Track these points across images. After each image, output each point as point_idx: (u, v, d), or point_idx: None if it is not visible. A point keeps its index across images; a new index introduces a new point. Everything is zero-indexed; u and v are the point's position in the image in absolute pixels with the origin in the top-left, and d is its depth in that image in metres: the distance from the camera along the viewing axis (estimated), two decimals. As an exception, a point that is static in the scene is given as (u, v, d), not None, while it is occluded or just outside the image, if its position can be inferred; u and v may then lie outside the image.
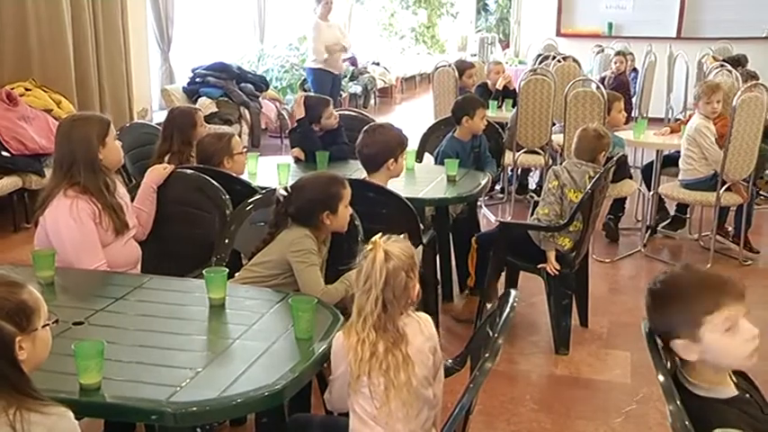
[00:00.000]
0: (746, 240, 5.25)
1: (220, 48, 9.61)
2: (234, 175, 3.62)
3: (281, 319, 2.30)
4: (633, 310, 4.26)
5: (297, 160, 4.52)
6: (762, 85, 5.24)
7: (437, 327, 3.73)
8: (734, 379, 1.80)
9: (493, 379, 3.47)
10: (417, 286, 2.10)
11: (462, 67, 6.90)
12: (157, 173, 3.36)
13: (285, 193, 2.83)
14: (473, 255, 4.06)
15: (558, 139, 5.89)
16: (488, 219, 6.00)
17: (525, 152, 6.06)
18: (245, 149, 3.96)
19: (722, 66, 6.52)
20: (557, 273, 3.74)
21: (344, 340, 2.05)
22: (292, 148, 4.64)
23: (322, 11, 8.27)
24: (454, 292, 4.40)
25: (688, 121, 5.54)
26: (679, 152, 5.27)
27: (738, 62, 7.29)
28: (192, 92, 8.28)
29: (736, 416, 1.69)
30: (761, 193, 6.58)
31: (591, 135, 3.94)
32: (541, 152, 6.05)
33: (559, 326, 3.80)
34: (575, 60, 7.84)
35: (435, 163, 4.58)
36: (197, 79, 8.40)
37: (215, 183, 3.29)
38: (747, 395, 1.80)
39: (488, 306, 3.18)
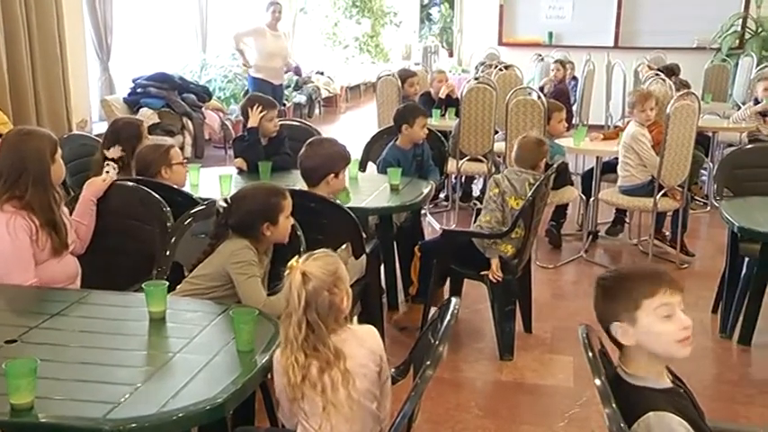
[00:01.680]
0: (683, 244, 5.39)
1: (162, 58, 9.48)
2: (175, 186, 3.57)
3: (223, 332, 2.28)
4: (576, 315, 4.32)
5: (240, 171, 4.49)
6: (693, 93, 5.40)
7: (382, 336, 3.76)
8: (669, 375, 1.88)
9: (438, 386, 3.50)
10: (346, 299, 2.07)
11: (405, 76, 6.94)
12: (96, 185, 3.30)
13: (225, 205, 2.80)
14: (416, 263, 4.08)
15: (500, 146, 5.97)
16: (433, 227, 6.04)
17: (468, 160, 6.12)
18: (186, 161, 3.92)
19: (657, 74, 6.68)
20: (500, 280, 3.78)
21: (280, 361, 2.03)
22: (236, 158, 4.60)
23: (270, 19, 8.27)
24: (399, 301, 4.41)
25: (626, 128, 5.66)
26: (617, 159, 5.38)
27: (672, 71, 7.49)
28: (133, 102, 8.15)
29: (669, 402, 1.76)
30: (695, 198, 6.77)
31: (531, 143, 4.00)
32: (484, 160, 6.12)
33: (503, 332, 3.84)
34: (516, 68, 7.97)
35: (378, 171, 4.59)
36: (138, 90, 8.27)
37: (155, 195, 3.25)
38: (681, 390, 1.89)
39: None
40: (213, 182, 4.12)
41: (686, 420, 1.72)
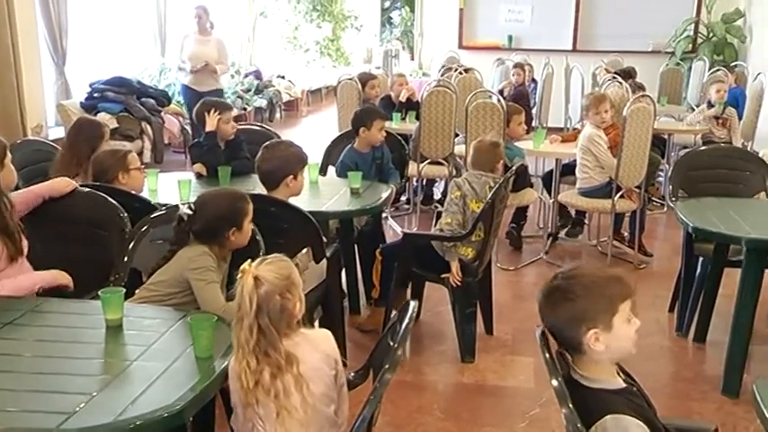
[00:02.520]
0: (641, 244, 5.47)
1: (119, 61, 9.37)
2: (132, 192, 3.53)
3: (181, 339, 2.25)
4: (536, 317, 4.31)
5: (199, 176, 4.44)
6: (648, 96, 5.49)
7: (344, 340, 3.78)
8: (621, 374, 1.91)
9: (400, 389, 3.51)
10: (299, 304, 2.07)
11: (364, 79, 6.95)
12: (61, 184, 3.22)
13: (189, 212, 2.78)
14: (377, 266, 4.08)
15: (461, 149, 6.00)
16: (395, 230, 6.05)
17: (429, 163, 6.15)
18: (143, 166, 3.88)
19: (614, 77, 6.78)
20: (460, 282, 3.80)
21: (234, 366, 2.02)
22: (193, 163, 4.56)
23: (196, 24, 7.89)
24: (361, 304, 4.41)
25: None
26: (576, 161, 5.44)
27: (628, 74, 7.60)
28: (91, 107, 8.03)
29: (625, 404, 1.79)
30: (652, 199, 6.88)
31: (486, 146, 4.03)
32: (445, 163, 6.15)
33: (464, 334, 3.86)
34: (476, 71, 8.02)
35: (337, 175, 4.57)
36: (95, 94, 8.17)
37: (113, 200, 3.20)
38: (634, 388, 1.92)
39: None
40: (172, 187, 4.07)
41: (641, 419, 1.75)
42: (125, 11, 9.96)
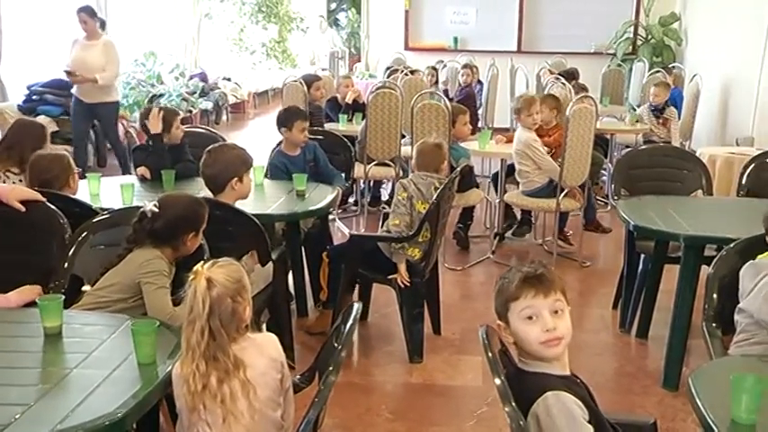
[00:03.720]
0: (597, 224, 5.63)
1: (58, 63, 9.15)
2: (72, 196, 3.46)
3: (123, 345, 2.21)
4: (484, 316, 4.34)
5: (142, 179, 4.38)
6: (590, 96, 5.59)
7: (291, 342, 3.76)
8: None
9: (348, 391, 3.50)
10: (248, 309, 2.07)
11: (310, 81, 6.93)
12: (24, 193, 3.12)
13: (155, 210, 2.73)
14: (324, 268, 4.07)
15: (407, 150, 6.01)
16: (342, 232, 6.04)
17: (376, 164, 6.16)
18: (79, 170, 3.81)
19: (557, 79, 6.89)
20: (407, 283, 3.81)
21: (179, 371, 2.00)
22: (137, 167, 4.49)
23: (83, 30, 7.05)
24: (309, 307, 4.39)
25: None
26: (521, 162, 5.50)
27: (572, 75, 7.73)
28: (29, 110, 7.86)
29: (565, 386, 1.84)
30: (597, 198, 7.00)
31: (429, 147, 4.04)
32: (392, 164, 6.16)
33: (412, 335, 3.87)
34: (422, 72, 8.06)
35: (269, 177, 4.52)
36: (33, 97, 8.00)
37: (52, 206, 3.13)
38: (578, 380, 1.96)
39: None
40: (114, 191, 4.00)
41: (583, 404, 1.78)
42: (63, 12, 9.73)
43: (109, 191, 4.08)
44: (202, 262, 2.07)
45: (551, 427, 1.75)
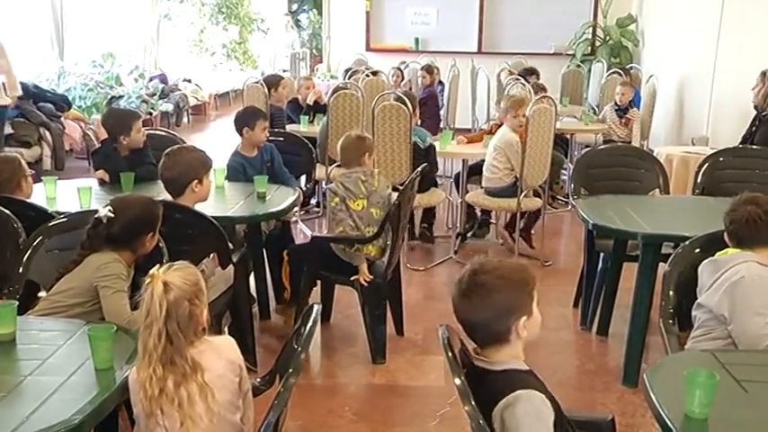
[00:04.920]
0: (528, 237, 5.64)
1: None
2: (27, 200, 3.41)
3: (79, 351, 2.18)
4: (447, 316, 4.33)
5: (101, 182, 4.32)
6: (549, 97, 5.64)
7: (253, 345, 3.74)
8: None
9: (311, 393, 3.50)
10: (206, 311, 2.06)
11: (271, 82, 6.90)
12: None
13: (111, 215, 2.69)
14: (285, 268, 4.06)
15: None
16: (305, 233, 6.02)
17: (338, 166, 6.13)
18: (33, 173, 3.75)
19: (517, 79, 6.94)
20: (369, 282, 3.81)
21: (136, 376, 1.98)
22: (96, 170, 4.44)
23: None
24: (271, 309, 4.37)
25: (492, 131, 5.84)
26: (483, 161, 5.53)
27: (530, 72, 7.79)
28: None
29: (536, 383, 1.86)
30: (557, 197, 7.08)
31: (352, 140, 4.01)
32: (354, 165, 6.15)
33: (375, 336, 3.87)
34: (383, 74, 8.08)
35: (226, 179, 4.49)
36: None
37: (5, 210, 3.07)
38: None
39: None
40: (71, 195, 3.94)
41: (550, 402, 1.80)
42: (17, 12, 9.56)
43: (66, 194, 4.01)
44: (158, 265, 2.05)
45: (516, 426, 1.76)
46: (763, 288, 2.55)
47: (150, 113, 10.80)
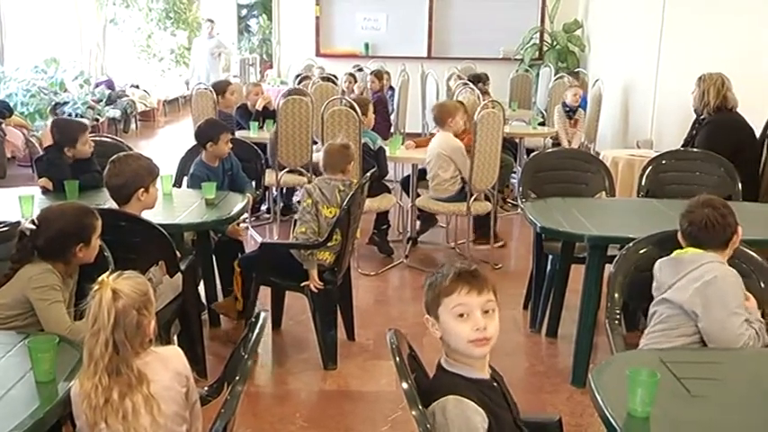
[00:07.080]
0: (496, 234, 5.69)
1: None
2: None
3: (20, 363, 2.13)
4: (398, 320, 4.42)
5: (45, 190, 4.23)
6: (497, 101, 5.69)
7: (203, 354, 3.69)
8: (489, 370, 1.96)
9: (262, 400, 3.47)
10: (153, 323, 2.04)
11: (219, 88, 6.84)
12: None
13: (32, 227, 2.63)
14: (237, 278, 4.02)
15: (319, 157, 5.98)
16: (255, 240, 5.98)
17: (288, 172, 6.12)
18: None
19: (465, 84, 6.99)
20: (320, 288, 3.79)
21: (79, 387, 1.95)
22: (39, 177, 4.34)
23: None
24: (221, 316, 4.32)
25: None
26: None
27: (478, 78, 7.86)
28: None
29: (474, 392, 1.84)
30: (507, 200, 7.15)
31: (337, 148, 4.05)
32: (305, 171, 6.14)
33: (326, 341, 3.86)
34: (332, 79, 8.06)
35: (188, 187, 4.44)
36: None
37: (-58, 220, 2.99)
38: (495, 384, 1.97)
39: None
40: (12, 203, 3.85)
41: (487, 412, 1.80)
42: None
43: (7, 203, 3.92)
44: (108, 273, 2.01)
45: (444, 430, 1.77)
46: (736, 288, 2.60)
47: (97, 120, 10.62)
